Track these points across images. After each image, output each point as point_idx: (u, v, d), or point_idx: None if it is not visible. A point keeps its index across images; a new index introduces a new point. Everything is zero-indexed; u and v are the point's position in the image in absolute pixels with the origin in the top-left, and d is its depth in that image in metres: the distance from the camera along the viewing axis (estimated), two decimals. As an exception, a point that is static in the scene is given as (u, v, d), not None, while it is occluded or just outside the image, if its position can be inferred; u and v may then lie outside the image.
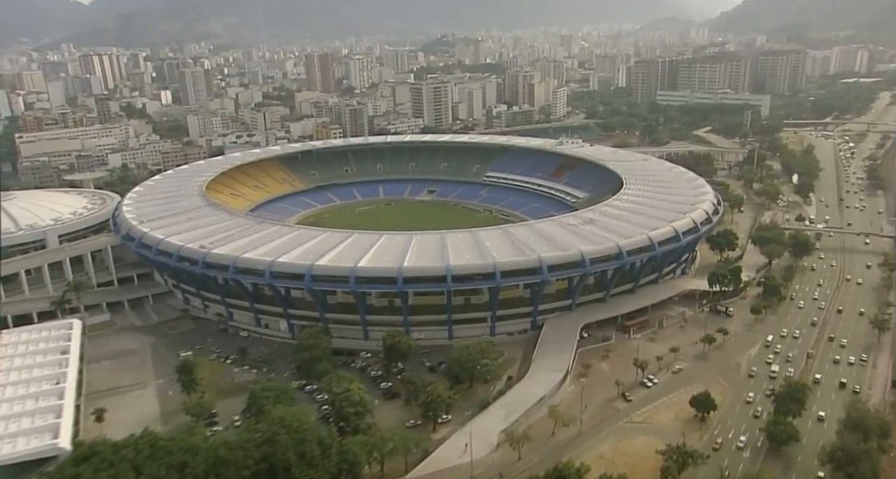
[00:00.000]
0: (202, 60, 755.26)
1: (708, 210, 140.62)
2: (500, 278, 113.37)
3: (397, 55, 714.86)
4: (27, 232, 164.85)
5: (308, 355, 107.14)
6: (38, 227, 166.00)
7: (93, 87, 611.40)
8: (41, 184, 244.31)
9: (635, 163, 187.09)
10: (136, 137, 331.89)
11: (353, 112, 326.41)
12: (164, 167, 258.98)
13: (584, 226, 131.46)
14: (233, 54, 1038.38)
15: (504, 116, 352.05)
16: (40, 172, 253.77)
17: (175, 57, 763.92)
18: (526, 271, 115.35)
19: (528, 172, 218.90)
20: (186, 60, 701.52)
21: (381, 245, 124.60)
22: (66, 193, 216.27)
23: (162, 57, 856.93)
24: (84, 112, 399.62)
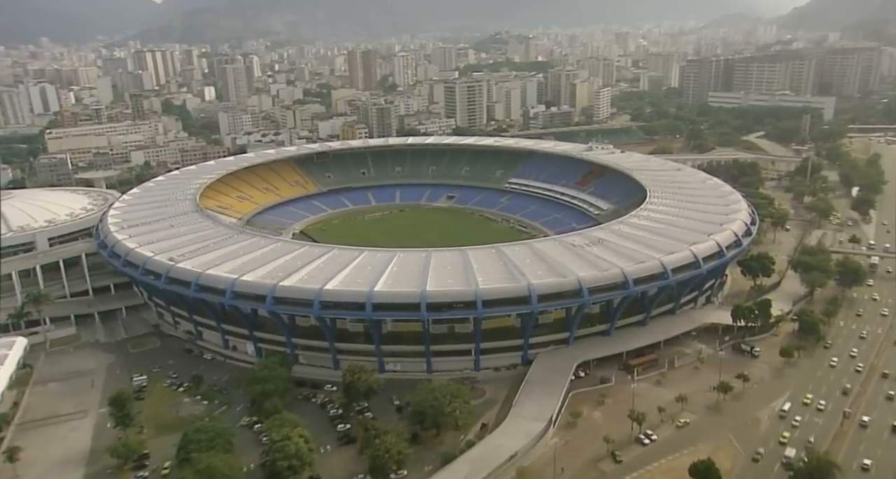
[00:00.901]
0: (251, 57, 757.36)
1: (738, 231, 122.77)
2: (483, 308, 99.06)
3: (445, 53, 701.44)
4: (16, 234, 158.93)
5: (260, 389, 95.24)
6: (28, 229, 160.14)
7: (144, 83, 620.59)
8: (57, 181, 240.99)
9: (665, 173, 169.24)
10: (164, 134, 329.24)
11: (380, 111, 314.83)
12: (182, 165, 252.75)
13: (591, 247, 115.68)
14: (288, 51, 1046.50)
15: (542, 117, 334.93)
16: (57, 169, 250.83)
17: (225, 54, 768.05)
18: (512, 300, 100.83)
19: (552, 179, 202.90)
20: (235, 57, 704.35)
21: (358, 264, 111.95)
22: (69, 192, 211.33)
23: (219, 53, 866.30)
24: (122, 108, 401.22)
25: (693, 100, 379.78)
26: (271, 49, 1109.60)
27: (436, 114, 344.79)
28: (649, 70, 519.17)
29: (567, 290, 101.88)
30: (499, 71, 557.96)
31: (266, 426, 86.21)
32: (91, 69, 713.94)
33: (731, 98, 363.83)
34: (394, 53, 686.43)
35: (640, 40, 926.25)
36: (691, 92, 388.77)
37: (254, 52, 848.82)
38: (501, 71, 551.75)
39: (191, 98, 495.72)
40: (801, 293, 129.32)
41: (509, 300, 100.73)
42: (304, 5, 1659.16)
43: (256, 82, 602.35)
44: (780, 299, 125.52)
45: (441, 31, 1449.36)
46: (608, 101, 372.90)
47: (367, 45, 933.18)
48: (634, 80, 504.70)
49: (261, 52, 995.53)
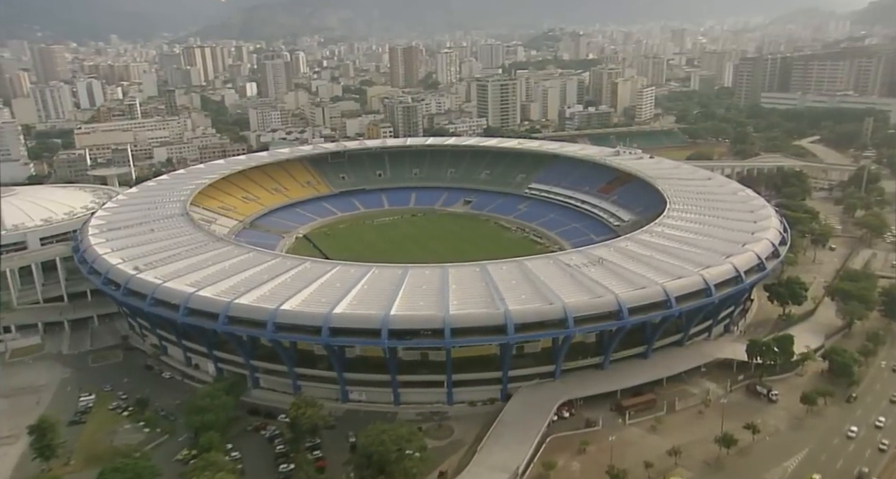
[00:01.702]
0: (297, 53, 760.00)
1: (762, 253, 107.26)
2: (452, 337, 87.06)
3: (492, 50, 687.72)
4: (8, 233, 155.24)
5: (199, 420, 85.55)
6: (21, 228, 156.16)
7: (192, 78, 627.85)
8: (75, 178, 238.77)
9: (693, 182, 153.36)
10: (192, 130, 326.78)
11: (405, 110, 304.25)
12: (201, 162, 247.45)
13: (588, 268, 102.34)
14: (340, 47, 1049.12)
15: (578, 117, 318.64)
16: (75, 165, 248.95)
17: (272, 50, 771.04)
18: (486, 329, 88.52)
19: (574, 186, 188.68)
20: (281, 53, 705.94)
21: (327, 280, 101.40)
22: (75, 189, 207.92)
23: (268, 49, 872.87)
24: (157, 104, 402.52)
25: (745, 101, 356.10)
26: (324, 45, 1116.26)
27: (467, 113, 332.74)
28: (702, 69, 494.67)
29: (550, 319, 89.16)
30: (544, 69, 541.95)
31: (188, 471, 76.35)
32: (142, 65, 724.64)
33: (787, 99, 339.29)
34: (431, 51, 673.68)
35: (700, 38, 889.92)
36: (743, 92, 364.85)
37: (302, 49, 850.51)
38: (547, 69, 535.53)
39: (230, 94, 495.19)
40: (838, 326, 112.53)
41: (483, 329, 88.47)
42: (360, 3, 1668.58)
43: (300, 78, 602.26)
44: (811, 332, 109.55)
45: (497, 28, 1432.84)
46: (652, 101, 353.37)
47: (419, 42, 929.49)
48: (686, 79, 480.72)
49: (312, 49, 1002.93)
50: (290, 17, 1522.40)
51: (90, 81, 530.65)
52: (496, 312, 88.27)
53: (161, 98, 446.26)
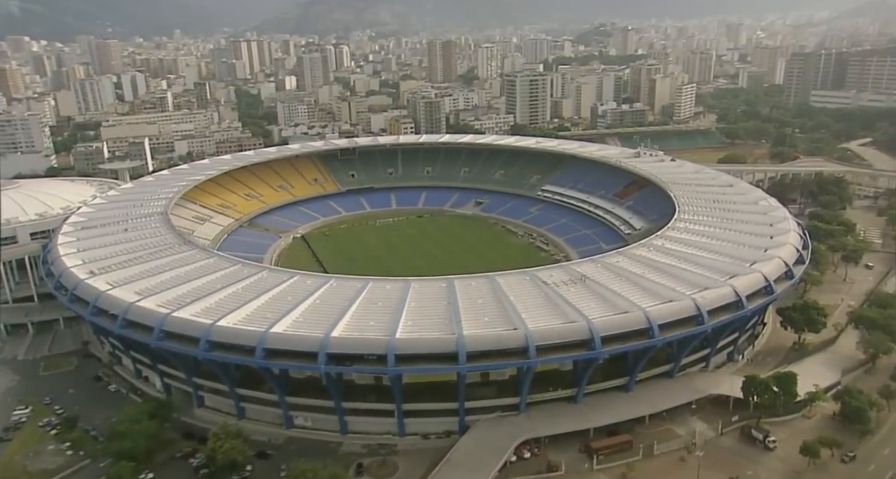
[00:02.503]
0: (341, 47, 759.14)
1: (771, 274, 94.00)
2: (396, 364, 77.28)
3: (536, 44, 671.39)
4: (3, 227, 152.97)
5: (117, 448, 77.89)
6: (13, 222, 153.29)
7: (237, 72, 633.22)
8: (93, 171, 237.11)
9: (711, 189, 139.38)
10: (217, 123, 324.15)
11: (428, 105, 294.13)
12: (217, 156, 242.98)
13: (567, 287, 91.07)
14: (390, 42, 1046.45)
15: (610, 115, 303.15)
16: (92, 158, 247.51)
17: (317, 44, 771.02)
18: (435, 356, 78.44)
19: (590, 189, 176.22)
20: (325, 47, 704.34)
21: (278, 293, 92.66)
22: (79, 183, 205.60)
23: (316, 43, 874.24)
24: (190, 96, 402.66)
25: (794, 99, 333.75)
26: (374, 40, 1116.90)
27: (495, 109, 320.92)
28: (754, 65, 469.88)
29: (509, 347, 78.41)
30: (588, 64, 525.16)
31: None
32: (190, 59, 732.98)
33: (839, 98, 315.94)
34: (479, 45, 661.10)
35: (758, 33, 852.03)
36: (793, 90, 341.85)
37: (347, 43, 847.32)
38: (591, 64, 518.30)
39: (266, 87, 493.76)
40: (860, 360, 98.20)
41: (432, 357, 78.32)
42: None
43: (343, 72, 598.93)
44: (826, 365, 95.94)
45: (549, 22, 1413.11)
46: (692, 99, 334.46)
47: (469, 37, 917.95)
48: (735, 76, 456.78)
49: (362, 43, 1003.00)
50: (344, 12, 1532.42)
51: (134, 74, 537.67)
52: (448, 337, 78.16)
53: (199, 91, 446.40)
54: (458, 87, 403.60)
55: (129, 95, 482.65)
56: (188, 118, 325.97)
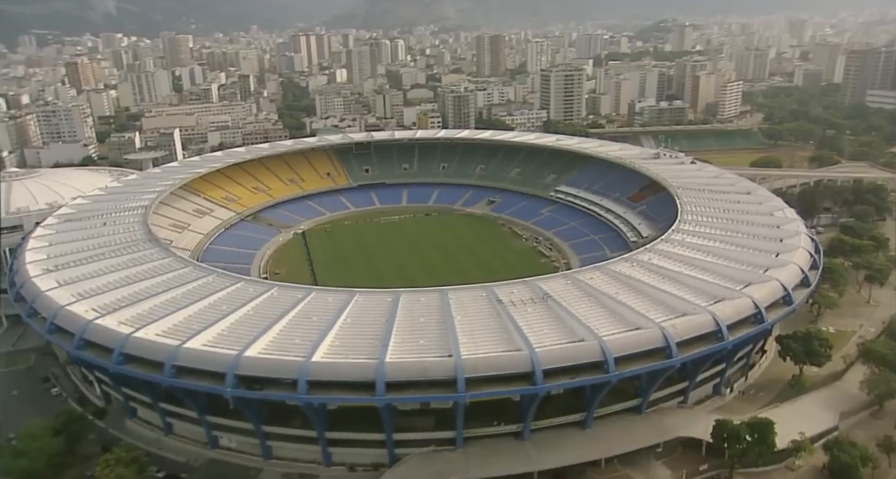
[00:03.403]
0: (397, 41, 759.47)
1: (763, 299, 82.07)
2: (307, 391, 69.67)
3: (590, 40, 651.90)
4: (7, 216, 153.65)
5: (16, 466, 72.77)
6: (22, 211, 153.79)
7: (294, 65, 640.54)
8: (120, 161, 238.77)
9: (725, 196, 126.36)
10: (255, 115, 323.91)
11: (456, 99, 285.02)
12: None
13: (525, 307, 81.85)
14: (450, 37, 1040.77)
15: (647, 112, 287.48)
16: (124, 148, 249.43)
17: (371, 37, 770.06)
18: (351, 384, 70.48)
19: (604, 191, 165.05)
20: (380, 41, 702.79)
21: (207, 305, 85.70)
22: (97, 172, 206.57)
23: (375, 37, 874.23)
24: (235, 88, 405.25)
25: (850, 99, 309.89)
26: (436, 34, 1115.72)
27: (530, 104, 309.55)
28: (813, 63, 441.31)
29: (434, 378, 69.84)
30: (640, 60, 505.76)
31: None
32: (251, 52, 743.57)
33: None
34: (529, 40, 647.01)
35: (827, 30, 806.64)
36: (849, 89, 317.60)
37: (402, 37, 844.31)
38: (642, 60, 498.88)
39: (315, 80, 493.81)
40: (865, 401, 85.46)
41: (347, 385, 70.31)
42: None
43: (396, 65, 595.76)
44: (824, 406, 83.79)
45: (612, 18, 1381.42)
46: (738, 97, 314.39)
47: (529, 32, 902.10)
48: (792, 74, 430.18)
49: (423, 38, 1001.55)
50: (411, 8, 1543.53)
51: (193, 67, 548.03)
52: (367, 362, 70.10)
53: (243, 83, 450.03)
54: (497, 81, 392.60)
55: (188, 87, 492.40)
56: (227, 110, 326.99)
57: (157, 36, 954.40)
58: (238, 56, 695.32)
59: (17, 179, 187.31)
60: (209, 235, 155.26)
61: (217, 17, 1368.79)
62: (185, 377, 73.21)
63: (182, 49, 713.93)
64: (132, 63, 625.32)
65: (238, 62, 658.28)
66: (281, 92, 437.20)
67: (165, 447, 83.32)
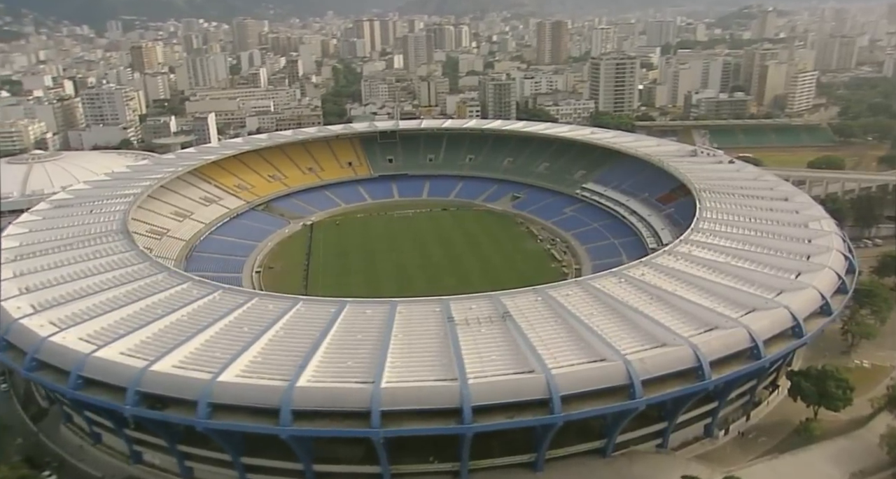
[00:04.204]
0: (461, 27, 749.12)
1: (763, 330, 68.87)
2: (207, 416, 61.43)
3: (661, 27, 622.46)
4: (15, 200, 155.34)
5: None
6: (37, 194, 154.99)
7: (357, 50, 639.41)
8: (151, 145, 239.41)
9: (756, 203, 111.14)
10: (298, 100, 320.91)
11: (497, 88, 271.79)
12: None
13: (479, 327, 71.38)
14: (522, 23, 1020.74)
15: (704, 104, 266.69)
16: (160, 131, 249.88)
17: (437, 24, 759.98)
18: (255, 410, 61.72)
19: (633, 190, 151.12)
20: (444, 27, 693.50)
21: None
22: (120, 155, 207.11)
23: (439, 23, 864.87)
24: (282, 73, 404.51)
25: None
26: (508, 21, 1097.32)
27: (578, 94, 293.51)
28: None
29: (350, 408, 60.42)
30: (712, 48, 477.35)
31: None
32: (314, 36, 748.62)
33: None
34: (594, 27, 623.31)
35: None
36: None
37: (466, 23, 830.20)
38: (716, 48, 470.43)
39: (370, 65, 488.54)
40: (882, 461, 70.56)
41: (252, 410, 61.73)
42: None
43: (458, 51, 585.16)
44: (835, 462, 69.86)
45: (694, 4, 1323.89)
46: (810, 89, 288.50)
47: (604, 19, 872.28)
48: (881, 64, 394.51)
49: (494, 24, 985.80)
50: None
51: (252, 52, 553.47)
52: (274, 386, 61.35)
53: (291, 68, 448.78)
54: (549, 70, 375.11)
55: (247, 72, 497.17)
56: (270, 95, 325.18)
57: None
58: (302, 41, 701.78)
59: (39, 161, 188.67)
60: (210, 225, 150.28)
61: (295, 3, 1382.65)
62: (85, 390, 66.37)
63: (250, 34, 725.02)
64: (200, 47, 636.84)
65: (298, 47, 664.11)
66: (333, 77, 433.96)
67: (88, 458, 77.25)
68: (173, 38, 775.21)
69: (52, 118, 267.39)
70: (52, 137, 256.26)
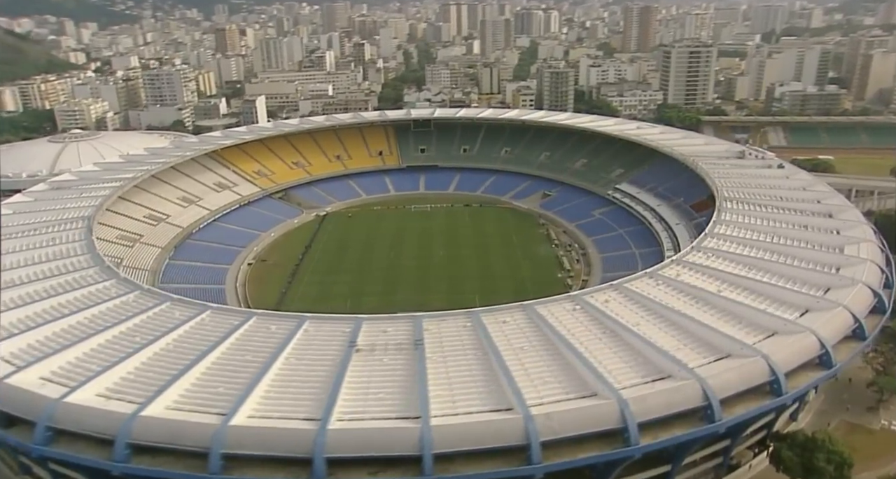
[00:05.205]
0: (551, 12, 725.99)
1: (754, 376, 54.16)
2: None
3: (769, 12, 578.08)
4: (26, 179, 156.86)
5: None
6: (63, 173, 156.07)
7: (441, 34, 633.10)
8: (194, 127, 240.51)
9: (790, 217, 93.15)
10: (358, 84, 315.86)
11: (554, 76, 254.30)
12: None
13: (388, 355, 60.45)
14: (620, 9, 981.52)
15: (788, 98, 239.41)
16: (209, 113, 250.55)
17: (526, 9, 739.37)
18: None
19: (668, 194, 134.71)
20: (533, 12, 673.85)
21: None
22: (164, 136, 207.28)
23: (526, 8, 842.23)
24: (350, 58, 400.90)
25: None
26: (608, 6, 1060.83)
27: (647, 84, 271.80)
28: None
29: (187, 448, 51.02)
30: (822, 36, 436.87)
31: None
32: (400, 20, 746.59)
33: None
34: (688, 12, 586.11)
35: None
36: None
37: (557, 8, 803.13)
38: (826, 36, 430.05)
39: (446, 50, 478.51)
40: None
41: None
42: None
43: (546, 37, 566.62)
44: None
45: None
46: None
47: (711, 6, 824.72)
48: None
49: (592, 9, 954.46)
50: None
51: (331, 35, 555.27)
52: (114, 413, 52.73)
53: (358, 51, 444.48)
54: (605, 57, 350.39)
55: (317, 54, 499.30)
56: (331, 78, 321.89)
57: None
58: (387, 24, 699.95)
59: (75, 140, 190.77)
60: (216, 212, 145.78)
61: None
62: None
63: (338, 17, 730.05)
64: (289, 30, 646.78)
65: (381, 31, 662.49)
66: (404, 62, 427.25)
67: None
68: (271, 20, 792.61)
69: (114, 98, 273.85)
70: (113, 117, 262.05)
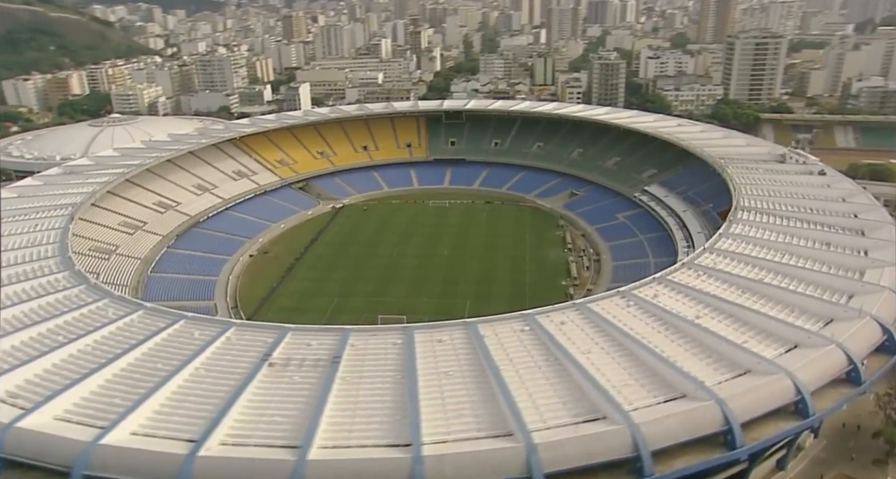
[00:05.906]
0: (629, 1, 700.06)
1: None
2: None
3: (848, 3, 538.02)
4: (41, 162, 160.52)
5: None
6: None
7: (513, 23, 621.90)
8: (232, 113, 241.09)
9: (814, 233, 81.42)
10: (409, 73, 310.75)
11: (604, 68, 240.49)
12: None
13: (300, 372, 54.72)
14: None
15: (865, 95, 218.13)
16: (254, 99, 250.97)
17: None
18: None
19: (698, 199, 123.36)
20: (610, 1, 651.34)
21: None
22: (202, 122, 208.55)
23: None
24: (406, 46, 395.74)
25: None
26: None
27: (708, 78, 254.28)
28: None
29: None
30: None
31: None
32: (473, 8, 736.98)
33: None
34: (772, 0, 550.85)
35: None
36: None
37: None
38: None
39: (510, 39, 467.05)
40: None
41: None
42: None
43: (619, 26, 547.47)
44: None
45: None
46: None
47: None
48: None
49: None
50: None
51: (396, 22, 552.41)
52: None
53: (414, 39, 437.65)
54: (674, 49, 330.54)
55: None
56: (382, 67, 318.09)
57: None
58: (457, 13, 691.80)
59: (113, 124, 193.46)
60: (229, 201, 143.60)
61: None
62: None
63: (410, 4, 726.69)
64: (362, 17, 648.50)
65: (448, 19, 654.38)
66: (463, 51, 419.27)
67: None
68: (346, 8, 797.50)
69: (168, 83, 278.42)
70: (165, 101, 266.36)
